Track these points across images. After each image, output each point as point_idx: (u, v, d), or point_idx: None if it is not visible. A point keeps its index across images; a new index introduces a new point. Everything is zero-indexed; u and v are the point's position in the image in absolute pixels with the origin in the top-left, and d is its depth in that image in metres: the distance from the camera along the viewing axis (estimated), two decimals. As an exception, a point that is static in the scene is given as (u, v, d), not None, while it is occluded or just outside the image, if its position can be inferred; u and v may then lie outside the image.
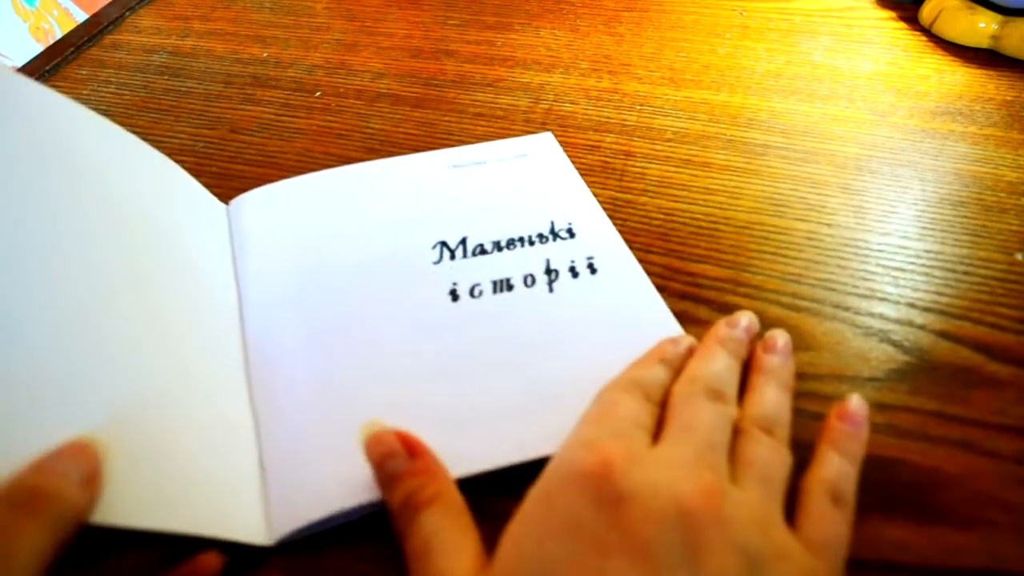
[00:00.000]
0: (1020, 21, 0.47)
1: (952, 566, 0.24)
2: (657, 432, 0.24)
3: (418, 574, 0.21)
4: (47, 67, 0.49)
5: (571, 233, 0.34)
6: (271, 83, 0.47)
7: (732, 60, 0.48)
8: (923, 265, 0.34)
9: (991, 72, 0.46)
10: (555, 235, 0.34)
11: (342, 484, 0.25)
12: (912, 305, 0.32)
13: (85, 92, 0.47)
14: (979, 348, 0.30)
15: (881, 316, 0.32)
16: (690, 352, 0.28)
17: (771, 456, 0.23)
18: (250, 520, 0.24)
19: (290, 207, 0.37)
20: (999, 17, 0.47)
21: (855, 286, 0.33)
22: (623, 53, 0.50)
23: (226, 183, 0.39)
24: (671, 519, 0.19)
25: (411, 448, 0.24)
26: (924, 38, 0.50)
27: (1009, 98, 0.44)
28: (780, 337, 0.28)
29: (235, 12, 0.55)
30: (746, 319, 0.29)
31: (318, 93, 0.46)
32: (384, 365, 0.29)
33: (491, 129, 0.43)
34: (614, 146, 0.41)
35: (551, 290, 0.32)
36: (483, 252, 0.34)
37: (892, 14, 0.53)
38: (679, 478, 0.21)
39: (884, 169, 0.39)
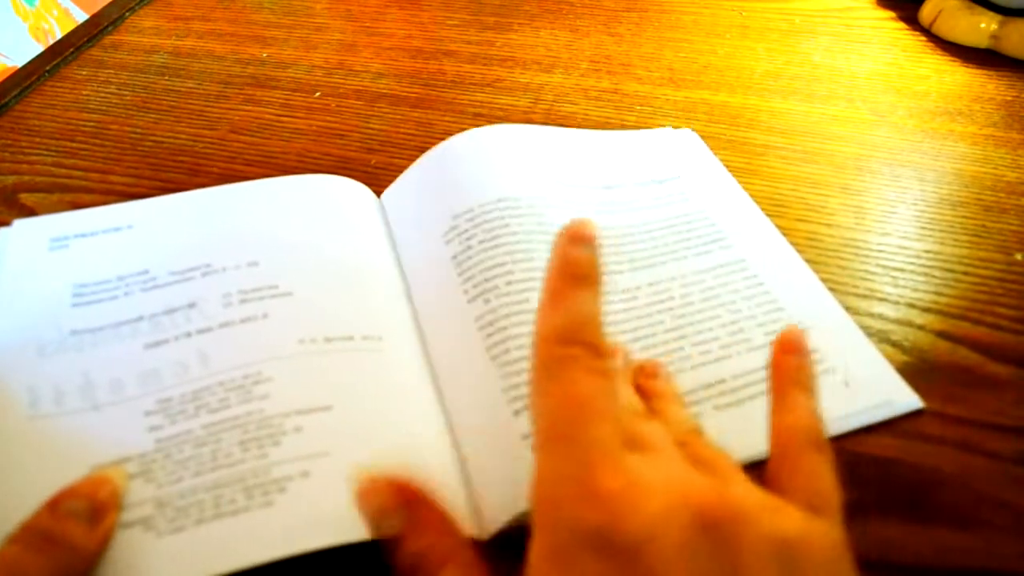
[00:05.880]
0: (1020, 21, 0.47)
1: (951, 566, 0.24)
2: None
3: None
4: (47, 67, 0.49)
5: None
6: (271, 83, 0.47)
7: (732, 60, 0.48)
8: (922, 265, 0.34)
9: (991, 72, 0.46)
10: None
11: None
12: (912, 305, 0.32)
13: (85, 92, 0.47)
14: (978, 348, 0.30)
15: (881, 316, 0.32)
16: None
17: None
18: (461, 515, 0.24)
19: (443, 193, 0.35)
20: (999, 17, 0.47)
21: (855, 286, 0.33)
22: (623, 53, 0.50)
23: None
24: (697, 542, 0.17)
25: (413, 499, 0.22)
26: (924, 38, 0.50)
27: (1009, 98, 0.44)
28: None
29: (235, 12, 0.55)
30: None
31: (318, 93, 0.46)
32: None
33: (491, 129, 0.43)
34: (614, 146, 0.41)
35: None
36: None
37: (892, 14, 0.53)
38: (681, 494, 0.18)
39: (884, 169, 0.39)
